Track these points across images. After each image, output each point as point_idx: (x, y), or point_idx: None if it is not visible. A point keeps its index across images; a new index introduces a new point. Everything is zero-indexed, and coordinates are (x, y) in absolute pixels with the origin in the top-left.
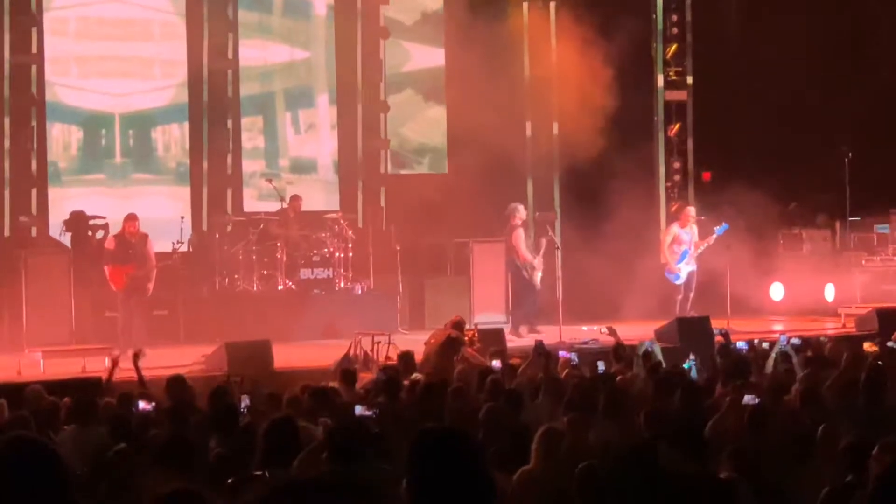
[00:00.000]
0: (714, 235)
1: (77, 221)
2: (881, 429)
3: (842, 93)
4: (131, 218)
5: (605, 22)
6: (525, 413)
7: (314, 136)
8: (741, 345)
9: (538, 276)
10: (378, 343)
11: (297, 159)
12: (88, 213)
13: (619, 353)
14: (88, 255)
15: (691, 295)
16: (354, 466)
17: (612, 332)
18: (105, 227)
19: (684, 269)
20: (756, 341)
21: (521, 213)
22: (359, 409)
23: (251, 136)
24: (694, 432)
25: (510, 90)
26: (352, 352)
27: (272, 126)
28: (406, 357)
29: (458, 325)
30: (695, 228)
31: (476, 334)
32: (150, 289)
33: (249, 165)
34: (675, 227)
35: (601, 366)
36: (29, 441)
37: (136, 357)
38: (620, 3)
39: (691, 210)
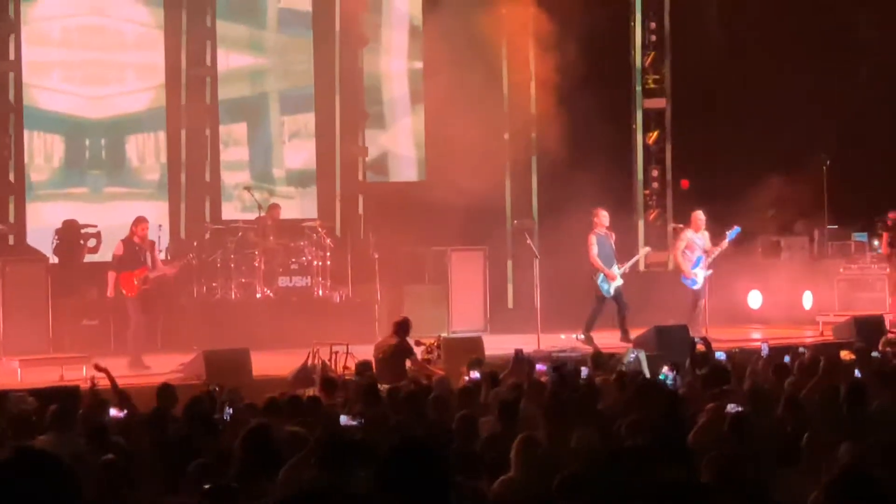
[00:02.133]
0: (726, 240)
1: (69, 230)
2: (864, 436)
3: (820, 101)
4: (142, 220)
5: (584, 30)
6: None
7: (296, 145)
8: (719, 354)
9: (613, 285)
10: (336, 352)
11: (285, 168)
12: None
13: (598, 360)
14: (79, 264)
15: (703, 301)
16: (342, 475)
17: (588, 340)
18: (97, 235)
19: (700, 274)
20: (735, 350)
21: (602, 217)
22: (344, 419)
23: (230, 144)
24: (676, 440)
25: (488, 98)
26: (310, 361)
27: (256, 134)
28: (364, 367)
29: (402, 325)
30: (707, 234)
31: (434, 345)
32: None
33: (230, 176)
34: (688, 233)
35: (585, 371)
36: (38, 455)
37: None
38: (599, 11)
39: (700, 214)
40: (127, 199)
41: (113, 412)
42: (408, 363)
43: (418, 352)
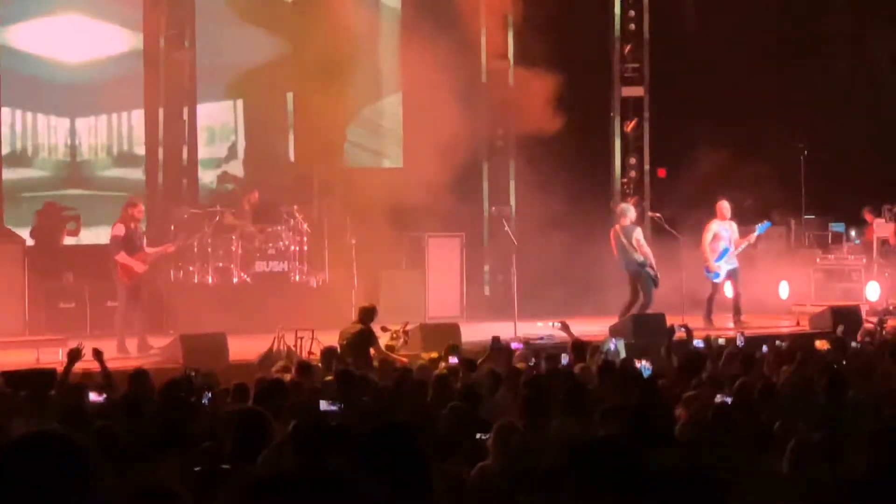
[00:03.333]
0: (755, 233)
1: (49, 213)
2: (841, 425)
3: (798, 89)
4: (136, 202)
5: (563, 17)
6: (483, 408)
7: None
8: (697, 342)
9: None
10: (301, 338)
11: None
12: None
13: (577, 347)
14: (58, 247)
15: (737, 291)
16: (320, 461)
17: (564, 328)
18: (76, 217)
19: (724, 268)
20: (712, 338)
21: (632, 213)
22: (324, 404)
23: (209, 125)
24: (655, 428)
25: (467, 84)
26: (275, 347)
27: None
28: (329, 353)
29: (367, 312)
30: (734, 225)
31: (401, 332)
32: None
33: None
34: (714, 224)
35: (565, 359)
36: (56, 437)
37: (96, 353)
38: None
39: (725, 203)
40: (105, 177)
41: (93, 396)
42: (371, 350)
43: (384, 338)
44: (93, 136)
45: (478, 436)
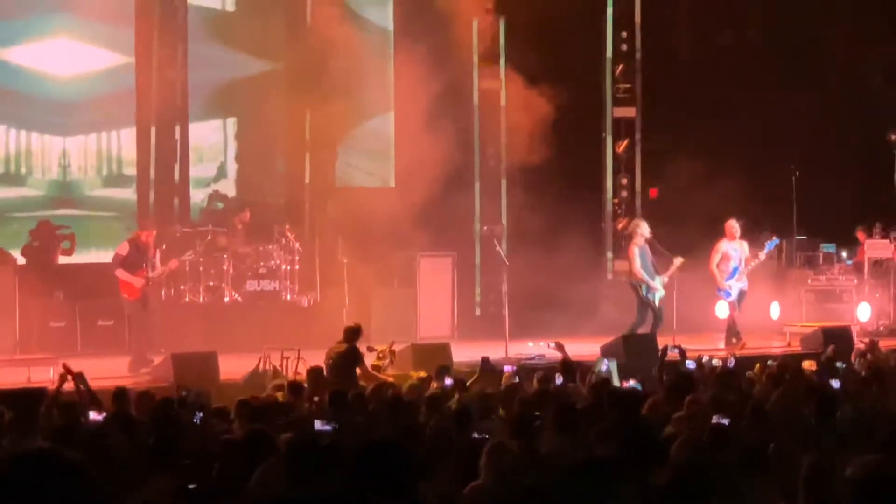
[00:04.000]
0: (765, 251)
1: (44, 232)
2: (829, 445)
3: (790, 112)
4: (148, 228)
5: (555, 38)
6: (474, 429)
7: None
8: (690, 363)
9: (658, 295)
10: (287, 358)
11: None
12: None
13: (567, 368)
14: (52, 265)
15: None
16: (312, 480)
17: (559, 348)
18: (70, 237)
19: (735, 287)
20: (704, 358)
21: (643, 228)
22: (318, 424)
23: (201, 144)
24: (648, 448)
25: (459, 104)
26: (261, 367)
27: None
28: (314, 373)
29: (352, 332)
30: (744, 244)
31: (387, 351)
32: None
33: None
34: (723, 244)
35: (559, 379)
36: (55, 458)
37: (78, 377)
38: (571, 20)
39: (734, 223)
40: (96, 196)
41: (92, 415)
42: (357, 370)
43: (371, 358)
44: (83, 155)
45: (474, 434)
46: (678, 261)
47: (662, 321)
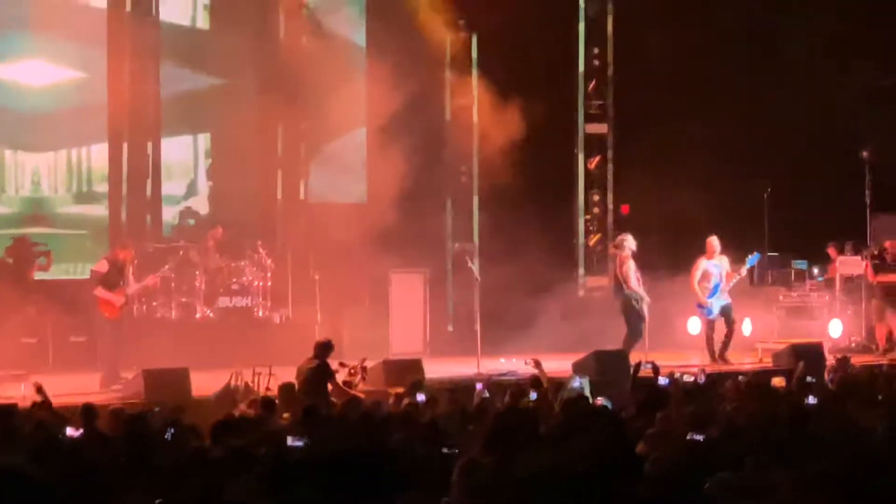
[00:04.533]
0: (746, 266)
1: (20, 247)
2: (804, 461)
3: (761, 128)
4: (128, 246)
5: (527, 54)
6: (447, 443)
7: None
8: (662, 379)
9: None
10: (259, 374)
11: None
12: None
13: (537, 385)
14: (27, 281)
15: (731, 328)
16: (287, 496)
17: (536, 365)
18: (47, 253)
19: (716, 304)
20: (677, 375)
21: (630, 242)
22: (290, 440)
23: (171, 161)
24: (623, 464)
25: (431, 120)
26: (232, 383)
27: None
28: (286, 389)
29: (323, 347)
30: (725, 260)
31: (358, 368)
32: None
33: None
34: (702, 261)
35: (533, 395)
36: (19, 477)
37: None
38: (542, 36)
39: (714, 240)
40: (68, 212)
41: (69, 431)
42: (329, 386)
43: (342, 374)
44: (53, 172)
45: (444, 450)
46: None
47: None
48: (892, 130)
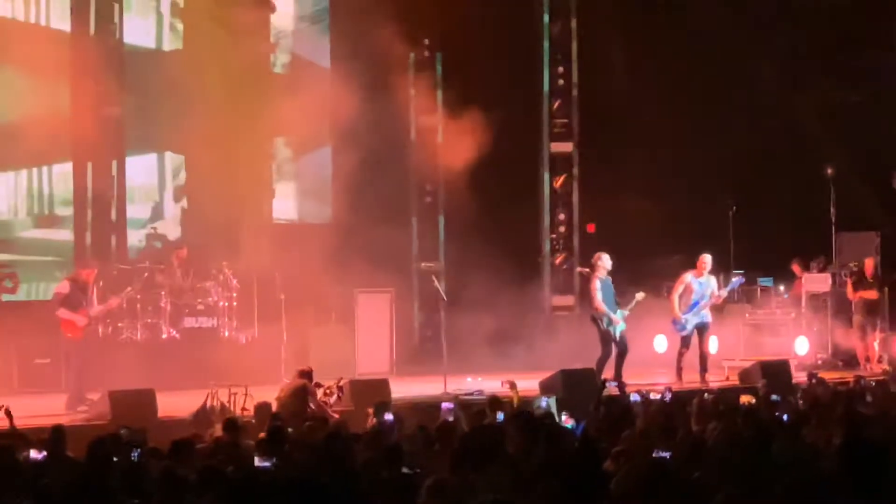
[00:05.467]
0: (727, 288)
1: None
2: (766, 481)
3: (726, 146)
4: (90, 265)
5: (492, 73)
6: (412, 464)
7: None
8: (634, 396)
9: (619, 328)
10: (235, 394)
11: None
12: None
13: (495, 406)
14: None
15: (703, 348)
16: None
17: (511, 387)
18: (12, 276)
19: (691, 321)
20: (643, 392)
21: (605, 261)
22: (258, 461)
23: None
24: (588, 483)
25: (396, 139)
26: (208, 403)
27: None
28: (263, 409)
29: (305, 374)
30: (713, 280)
31: (335, 387)
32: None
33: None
34: (687, 276)
35: (500, 416)
36: None
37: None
38: (507, 56)
39: (707, 258)
40: (31, 234)
41: (33, 454)
42: (310, 405)
43: (318, 394)
44: (13, 194)
45: (404, 469)
46: (640, 296)
47: (628, 352)
48: (855, 146)
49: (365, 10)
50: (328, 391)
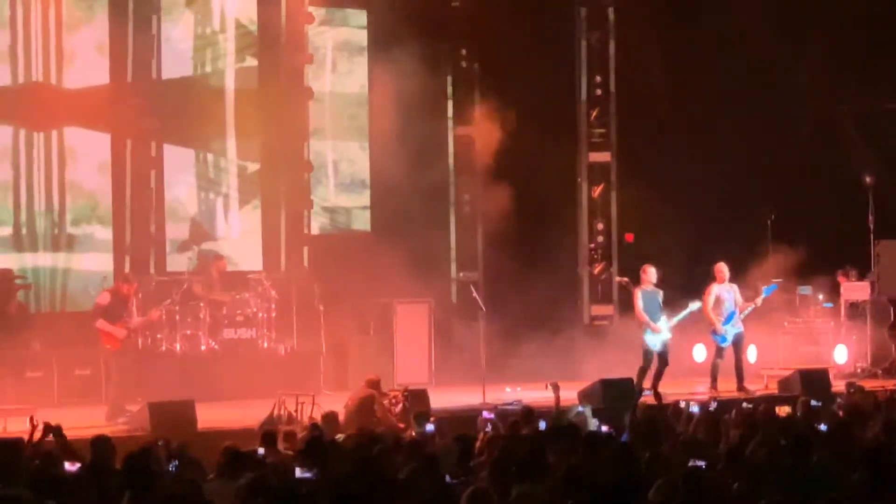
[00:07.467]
0: (761, 296)
1: (2, 280)
2: (805, 491)
3: (765, 155)
4: (130, 279)
5: (530, 83)
6: (452, 473)
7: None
8: (680, 405)
9: (661, 339)
10: (302, 403)
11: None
12: None
13: (528, 417)
14: (9, 314)
15: (741, 357)
16: None
17: (555, 389)
18: (28, 287)
19: (731, 332)
20: (682, 403)
21: (650, 274)
22: (299, 472)
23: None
24: (632, 492)
25: (434, 150)
26: (276, 412)
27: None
28: (330, 418)
29: (373, 383)
30: (735, 287)
31: (400, 396)
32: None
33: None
34: (715, 287)
35: (542, 425)
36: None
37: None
38: (545, 64)
39: (723, 266)
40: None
41: (67, 466)
42: (377, 414)
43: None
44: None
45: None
46: (694, 305)
47: (668, 363)
48: (894, 155)
49: (404, 20)
50: (393, 400)
